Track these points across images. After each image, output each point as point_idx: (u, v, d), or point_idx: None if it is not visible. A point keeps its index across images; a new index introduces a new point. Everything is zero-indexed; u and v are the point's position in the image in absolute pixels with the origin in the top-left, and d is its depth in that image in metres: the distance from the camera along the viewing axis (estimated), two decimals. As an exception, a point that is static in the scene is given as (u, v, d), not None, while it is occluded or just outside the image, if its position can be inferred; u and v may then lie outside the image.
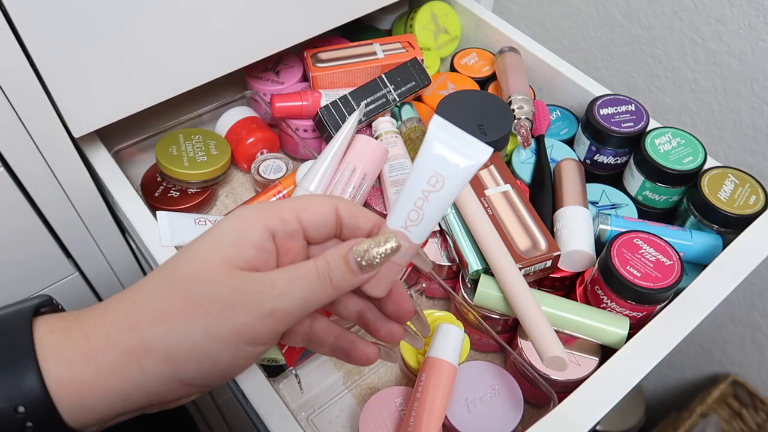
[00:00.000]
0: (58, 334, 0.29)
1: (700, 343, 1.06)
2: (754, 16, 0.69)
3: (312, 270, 0.30)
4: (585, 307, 0.50)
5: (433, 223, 0.32)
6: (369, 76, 0.69)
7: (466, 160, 0.31)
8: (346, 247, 0.31)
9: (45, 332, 0.29)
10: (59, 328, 0.29)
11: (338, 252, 0.31)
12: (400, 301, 0.34)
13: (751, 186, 0.56)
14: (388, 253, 0.30)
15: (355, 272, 0.30)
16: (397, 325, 0.35)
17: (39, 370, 0.27)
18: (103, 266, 0.67)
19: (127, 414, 0.30)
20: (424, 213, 0.31)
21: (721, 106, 0.77)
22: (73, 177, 0.57)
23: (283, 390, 0.53)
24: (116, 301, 0.30)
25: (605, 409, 0.43)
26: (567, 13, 0.88)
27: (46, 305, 0.31)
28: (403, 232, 0.32)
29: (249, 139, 0.67)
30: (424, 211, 0.31)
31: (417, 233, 0.32)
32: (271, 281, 0.29)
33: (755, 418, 1.06)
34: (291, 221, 0.32)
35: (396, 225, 0.32)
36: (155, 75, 0.54)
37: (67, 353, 0.28)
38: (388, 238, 0.30)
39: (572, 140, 0.67)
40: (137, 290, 0.30)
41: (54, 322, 0.30)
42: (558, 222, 0.56)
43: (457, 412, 0.48)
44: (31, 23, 0.45)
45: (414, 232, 0.32)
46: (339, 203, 0.33)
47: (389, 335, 0.35)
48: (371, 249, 0.30)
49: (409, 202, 0.31)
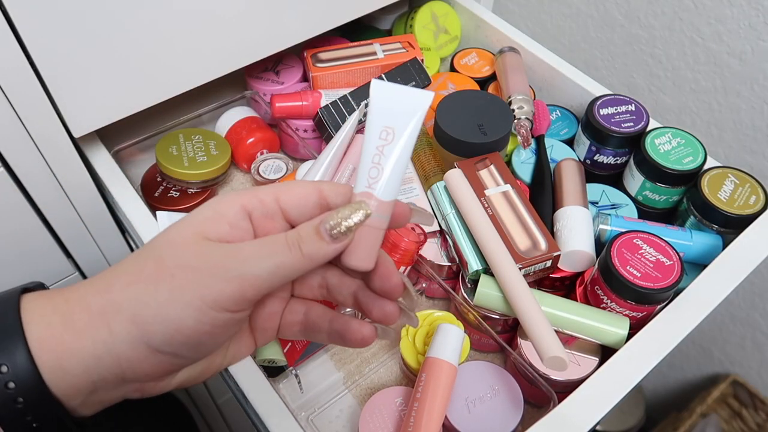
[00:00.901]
0: (41, 301, 0.30)
1: (700, 343, 1.06)
2: (754, 16, 0.69)
3: (282, 239, 0.31)
4: (585, 307, 0.50)
5: (394, 175, 0.32)
6: (369, 76, 0.69)
7: (409, 107, 0.32)
8: (318, 218, 0.31)
9: (30, 300, 0.30)
10: (44, 296, 0.31)
11: (310, 223, 0.31)
12: (387, 276, 0.34)
13: (751, 186, 0.56)
14: (359, 220, 0.31)
15: (327, 241, 0.31)
16: (390, 302, 0.35)
17: (23, 333, 0.28)
18: (103, 266, 0.67)
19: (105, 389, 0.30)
20: (383, 167, 0.32)
21: (721, 106, 0.77)
22: (73, 177, 0.57)
23: (283, 390, 0.53)
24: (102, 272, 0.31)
25: (605, 409, 0.43)
26: (567, 13, 0.88)
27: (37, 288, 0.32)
28: (367, 191, 0.32)
29: (249, 139, 0.67)
30: (383, 165, 0.32)
31: (382, 189, 0.32)
32: (239, 248, 0.30)
33: (755, 418, 1.06)
34: (269, 202, 0.32)
35: (360, 188, 0.32)
36: (155, 75, 0.54)
37: (48, 315, 0.29)
38: (358, 205, 0.31)
39: (572, 140, 0.67)
40: (121, 261, 0.31)
41: (40, 293, 0.31)
42: (558, 222, 0.56)
43: (457, 412, 0.48)
44: (31, 23, 0.45)
45: (378, 189, 0.32)
46: (323, 185, 0.33)
47: (382, 314, 0.35)
48: (341, 217, 0.31)
49: (368, 162, 0.32)
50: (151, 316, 0.29)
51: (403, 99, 0.32)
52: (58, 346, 0.29)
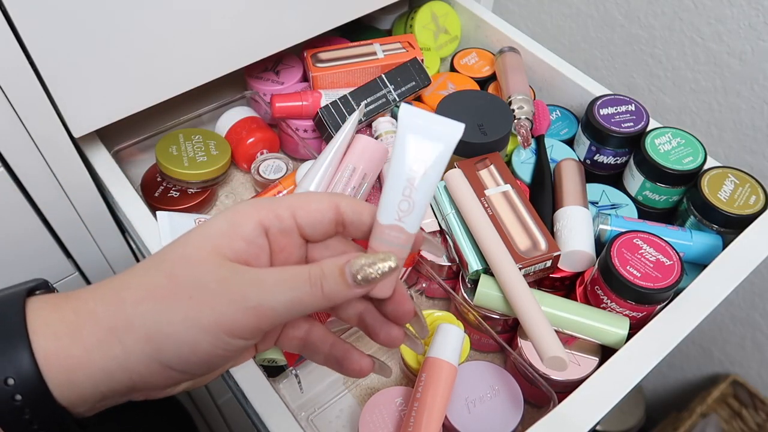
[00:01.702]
0: (48, 309, 0.29)
1: (700, 343, 1.06)
2: (754, 16, 0.69)
3: (304, 274, 0.30)
4: (585, 307, 0.50)
5: (424, 208, 0.32)
6: (369, 76, 0.69)
7: (440, 138, 0.31)
8: (344, 258, 0.30)
9: (36, 308, 0.29)
10: (50, 303, 0.29)
11: (335, 261, 0.30)
12: (400, 302, 0.34)
13: (751, 186, 0.56)
14: (385, 272, 0.30)
15: (350, 285, 0.30)
16: (397, 327, 0.35)
17: (29, 343, 0.27)
18: (103, 266, 0.67)
19: (113, 397, 0.30)
20: (414, 201, 0.31)
21: (721, 106, 0.77)
22: (73, 177, 0.57)
23: (283, 390, 0.53)
24: (108, 280, 0.30)
25: (605, 409, 0.43)
26: (567, 13, 0.88)
27: (41, 287, 0.32)
28: (398, 224, 0.32)
29: (249, 139, 0.67)
30: (414, 199, 0.31)
31: (411, 223, 0.32)
32: (260, 278, 0.29)
33: (755, 418, 1.06)
34: (286, 218, 0.31)
35: (389, 219, 0.32)
36: (155, 75, 0.54)
37: (56, 326, 0.28)
38: (386, 256, 0.30)
39: (572, 140, 0.67)
40: (130, 271, 0.30)
41: (46, 298, 0.30)
42: (558, 222, 0.56)
43: (457, 412, 0.48)
44: (31, 23, 0.45)
45: (408, 223, 0.31)
46: (340, 200, 0.32)
47: (388, 338, 0.35)
48: (369, 266, 0.30)
49: (397, 193, 0.31)
50: (165, 335, 0.28)
51: (433, 127, 0.31)
52: (66, 360, 0.28)
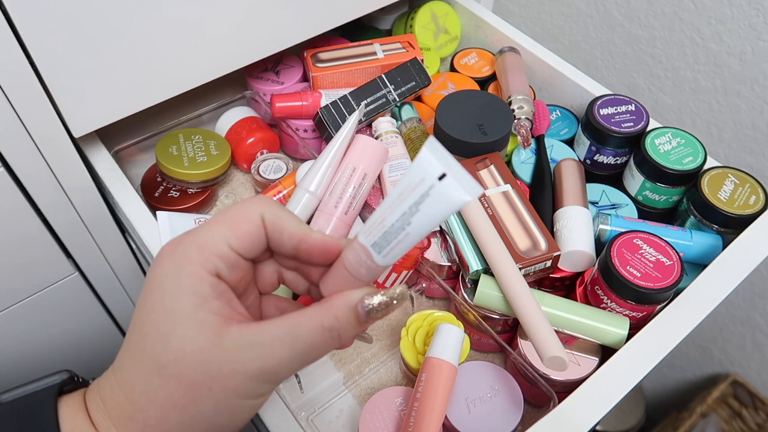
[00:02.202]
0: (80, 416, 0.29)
1: (700, 343, 1.06)
2: (754, 16, 0.69)
3: (317, 327, 0.29)
4: (585, 307, 0.50)
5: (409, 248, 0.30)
6: (369, 76, 0.69)
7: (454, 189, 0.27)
8: (354, 298, 0.30)
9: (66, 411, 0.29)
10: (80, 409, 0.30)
11: (346, 305, 0.29)
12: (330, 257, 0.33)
13: (751, 186, 0.56)
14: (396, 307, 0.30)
15: (363, 321, 0.30)
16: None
17: None
18: (103, 266, 0.67)
19: None
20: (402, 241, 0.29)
21: (721, 106, 0.77)
22: (73, 177, 0.57)
23: (283, 390, 0.53)
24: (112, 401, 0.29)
25: (605, 409, 0.43)
26: (567, 13, 0.88)
27: (67, 383, 0.32)
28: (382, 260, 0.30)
29: (249, 139, 0.67)
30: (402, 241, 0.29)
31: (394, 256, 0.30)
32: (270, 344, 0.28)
33: (755, 418, 1.06)
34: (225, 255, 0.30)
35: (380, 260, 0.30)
36: (155, 75, 0.54)
37: None
38: (402, 294, 0.30)
39: (572, 140, 0.67)
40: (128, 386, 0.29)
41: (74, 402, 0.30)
42: (558, 222, 0.56)
43: (457, 412, 0.48)
44: (31, 24, 0.45)
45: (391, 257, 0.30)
46: (265, 211, 0.31)
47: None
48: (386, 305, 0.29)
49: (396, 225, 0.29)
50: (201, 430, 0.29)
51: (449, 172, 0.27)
52: None
